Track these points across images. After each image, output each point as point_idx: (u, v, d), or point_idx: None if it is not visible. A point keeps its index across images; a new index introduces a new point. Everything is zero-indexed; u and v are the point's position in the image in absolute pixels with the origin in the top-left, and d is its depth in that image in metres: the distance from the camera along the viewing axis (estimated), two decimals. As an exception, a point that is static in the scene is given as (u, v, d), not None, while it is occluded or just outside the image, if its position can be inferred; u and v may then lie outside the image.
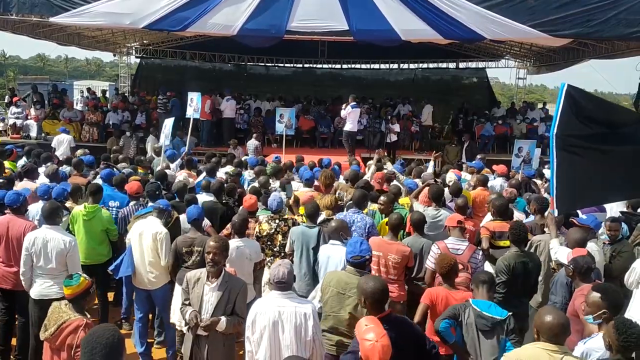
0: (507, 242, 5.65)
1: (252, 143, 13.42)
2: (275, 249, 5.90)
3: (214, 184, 7.19)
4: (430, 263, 5.22)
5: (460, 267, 4.93)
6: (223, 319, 4.11)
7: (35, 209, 6.37)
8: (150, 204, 6.48)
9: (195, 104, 12.01)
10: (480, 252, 5.38)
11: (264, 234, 5.90)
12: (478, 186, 8.18)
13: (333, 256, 5.05)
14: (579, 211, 6.25)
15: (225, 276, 4.23)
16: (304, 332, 3.76)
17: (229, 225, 5.99)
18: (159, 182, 6.83)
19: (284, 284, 3.85)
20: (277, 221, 5.96)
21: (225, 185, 7.52)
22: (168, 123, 10.78)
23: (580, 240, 4.94)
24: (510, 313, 4.06)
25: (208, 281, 4.20)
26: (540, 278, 5.35)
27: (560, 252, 5.08)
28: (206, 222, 6.08)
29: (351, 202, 6.53)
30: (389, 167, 8.94)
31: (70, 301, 3.89)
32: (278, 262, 4.03)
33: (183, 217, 6.12)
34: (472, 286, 4.43)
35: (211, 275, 4.19)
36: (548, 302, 5.05)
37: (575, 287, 4.51)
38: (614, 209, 7.24)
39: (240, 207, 6.70)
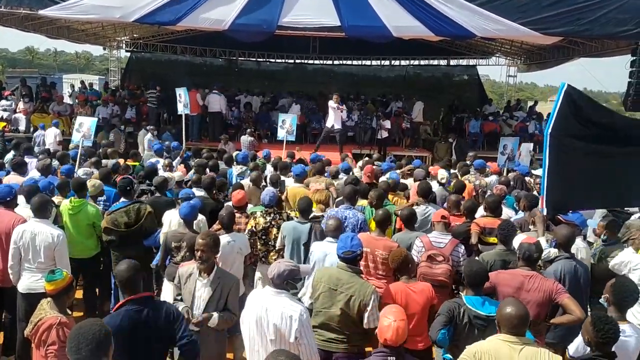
0: (496, 239, 5.70)
1: (247, 138, 13.38)
2: (270, 243, 5.90)
3: (205, 178, 7.16)
4: (413, 257, 5.27)
5: (442, 258, 5.01)
6: (215, 315, 4.11)
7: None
8: (122, 199, 6.37)
9: (184, 99, 11.93)
10: (463, 247, 5.44)
11: (260, 228, 5.90)
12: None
13: (332, 254, 4.91)
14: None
15: (217, 272, 4.22)
16: (287, 335, 3.70)
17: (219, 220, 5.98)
18: (130, 178, 6.79)
19: (274, 282, 3.81)
20: (272, 215, 5.96)
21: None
22: (85, 122, 10.05)
23: (569, 236, 4.98)
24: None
25: (200, 277, 4.20)
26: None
27: (515, 240, 5.17)
28: (202, 218, 6.04)
29: (341, 198, 6.55)
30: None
31: (52, 297, 3.87)
32: (279, 260, 3.99)
33: (170, 214, 6.13)
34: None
35: (203, 271, 4.19)
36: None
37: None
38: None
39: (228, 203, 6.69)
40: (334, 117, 13.42)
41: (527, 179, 9.52)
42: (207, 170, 8.40)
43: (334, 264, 4.63)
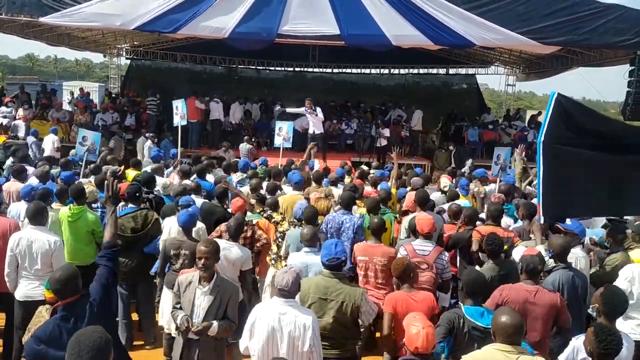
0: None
1: (245, 146, 13.40)
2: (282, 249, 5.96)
3: (218, 187, 7.16)
4: None
5: (425, 266, 5.02)
6: (215, 323, 4.08)
7: (15, 209, 6.34)
8: (129, 205, 6.40)
9: (180, 112, 11.93)
10: (447, 254, 5.44)
11: (281, 229, 6.11)
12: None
13: (313, 264, 4.86)
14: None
15: (217, 280, 4.20)
16: (301, 344, 3.68)
17: (218, 228, 5.96)
18: (139, 185, 6.79)
19: (286, 292, 3.78)
20: (296, 227, 6.01)
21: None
22: (89, 136, 10.07)
23: (564, 246, 4.96)
24: None
25: (200, 285, 4.17)
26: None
27: (515, 251, 5.14)
28: (201, 226, 6.01)
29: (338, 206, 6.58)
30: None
31: (51, 305, 3.85)
32: (285, 269, 3.95)
33: (170, 221, 6.13)
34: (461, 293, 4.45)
35: (203, 279, 4.17)
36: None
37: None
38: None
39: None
40: (312, 123, 13.44)
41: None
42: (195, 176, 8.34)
43: (318, 274, 4.59)
